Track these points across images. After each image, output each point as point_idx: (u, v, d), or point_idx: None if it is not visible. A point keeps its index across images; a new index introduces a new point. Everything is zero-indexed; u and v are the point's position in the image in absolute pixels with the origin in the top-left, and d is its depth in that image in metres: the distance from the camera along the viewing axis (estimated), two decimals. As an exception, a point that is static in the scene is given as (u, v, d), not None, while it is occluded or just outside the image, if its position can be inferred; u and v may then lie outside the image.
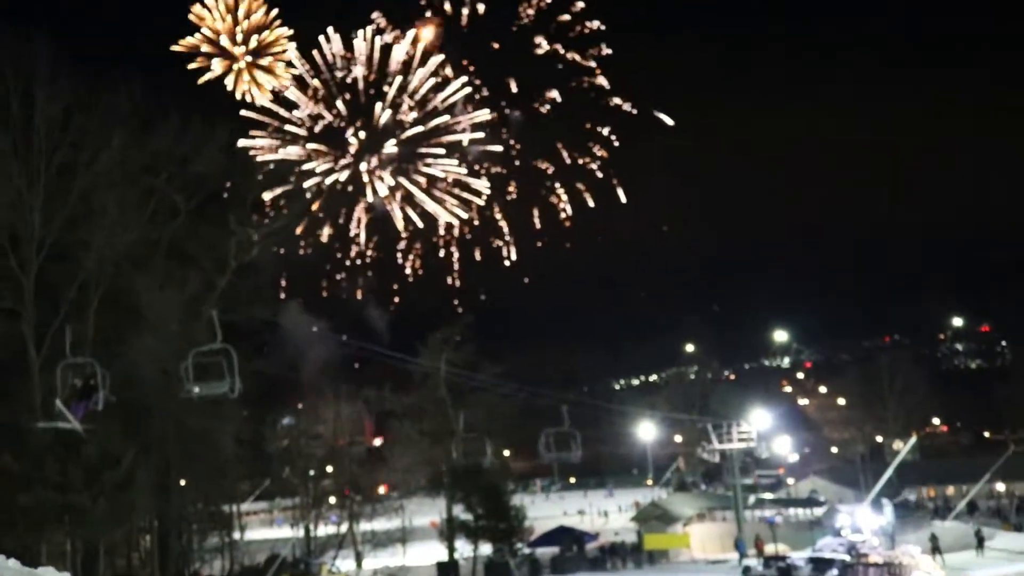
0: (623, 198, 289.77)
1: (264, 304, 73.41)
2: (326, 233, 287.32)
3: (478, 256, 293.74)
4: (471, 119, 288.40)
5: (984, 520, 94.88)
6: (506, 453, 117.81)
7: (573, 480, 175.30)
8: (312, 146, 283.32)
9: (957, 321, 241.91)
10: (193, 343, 66.75)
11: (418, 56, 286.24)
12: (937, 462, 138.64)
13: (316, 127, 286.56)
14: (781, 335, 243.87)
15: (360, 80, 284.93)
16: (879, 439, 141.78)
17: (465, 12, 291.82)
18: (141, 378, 62.89)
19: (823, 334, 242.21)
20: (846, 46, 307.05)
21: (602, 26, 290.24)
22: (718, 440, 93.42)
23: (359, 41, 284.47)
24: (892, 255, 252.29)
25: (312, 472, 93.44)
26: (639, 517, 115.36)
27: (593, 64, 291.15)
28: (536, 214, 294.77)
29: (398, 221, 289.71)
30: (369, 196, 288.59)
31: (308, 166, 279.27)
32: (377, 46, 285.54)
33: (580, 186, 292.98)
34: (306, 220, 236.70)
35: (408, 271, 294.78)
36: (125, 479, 50.71)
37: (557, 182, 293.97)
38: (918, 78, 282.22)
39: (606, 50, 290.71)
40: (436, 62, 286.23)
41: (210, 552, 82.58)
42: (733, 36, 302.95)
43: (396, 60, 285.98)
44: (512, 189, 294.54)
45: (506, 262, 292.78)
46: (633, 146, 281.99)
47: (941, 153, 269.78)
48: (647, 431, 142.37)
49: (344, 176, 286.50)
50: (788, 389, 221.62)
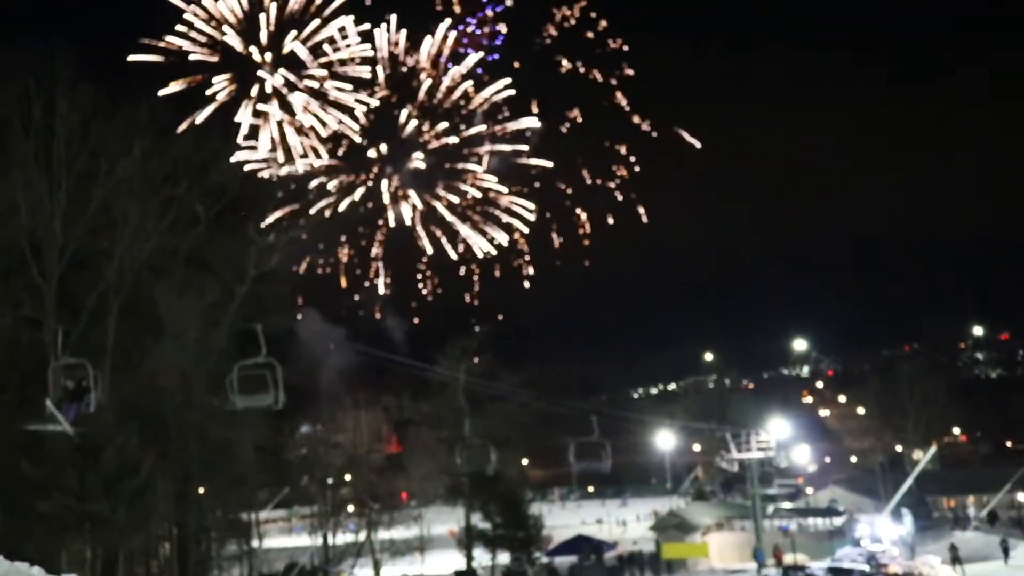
0: (644, 218, 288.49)
1: (283, 313, 73.55)
2: (345, 251, 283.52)
3: (497, 273, 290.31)
4: (507, 129, 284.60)
5: (1005, 530, 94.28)
6: (524, 462, 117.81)
7: (591, 489, 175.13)
8: (327, 161, 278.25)
9: (977, 330, 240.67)
10: (212, 351, 67.42)
11: (445, 55, 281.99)
12: (957, 472, 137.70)
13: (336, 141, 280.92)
14: (800, 344, 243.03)
15: (382, 89, 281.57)
16: (899, 448, 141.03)
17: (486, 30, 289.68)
18: (160, 386, 63.17)
19: (842, 343, 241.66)
20: (868, 50, 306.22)
21: (625, 46, 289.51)
22: (737, 449, 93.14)
23: (382, 36, 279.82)
24: (912, 264, 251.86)
25: (331, 480, 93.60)
26: (657, 526, 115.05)
27: (614, 82, 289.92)
28: (555, 232, 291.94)
29: (425, 246, 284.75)
30: (391, 217, 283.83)
31: (327, 183, 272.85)
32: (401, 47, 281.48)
33: (601, 205, 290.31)
34: (325, 239, 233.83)
35: (426, 291, 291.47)
36: (144, 487, 50.79)
37: (578, 205, 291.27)
38: (944, 83, 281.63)
39: (628, 71, 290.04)
40: (464, 67, 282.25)
41: (229, 560, 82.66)
42: (748, 47, 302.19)
43: (423, 62, 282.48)
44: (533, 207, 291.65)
45: (525, 283, 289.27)
46: (654, 163, 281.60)
47: (960, 160, 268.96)
48: (666, 440, 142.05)
49: (362, 192, 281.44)
50: (807, 398, 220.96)
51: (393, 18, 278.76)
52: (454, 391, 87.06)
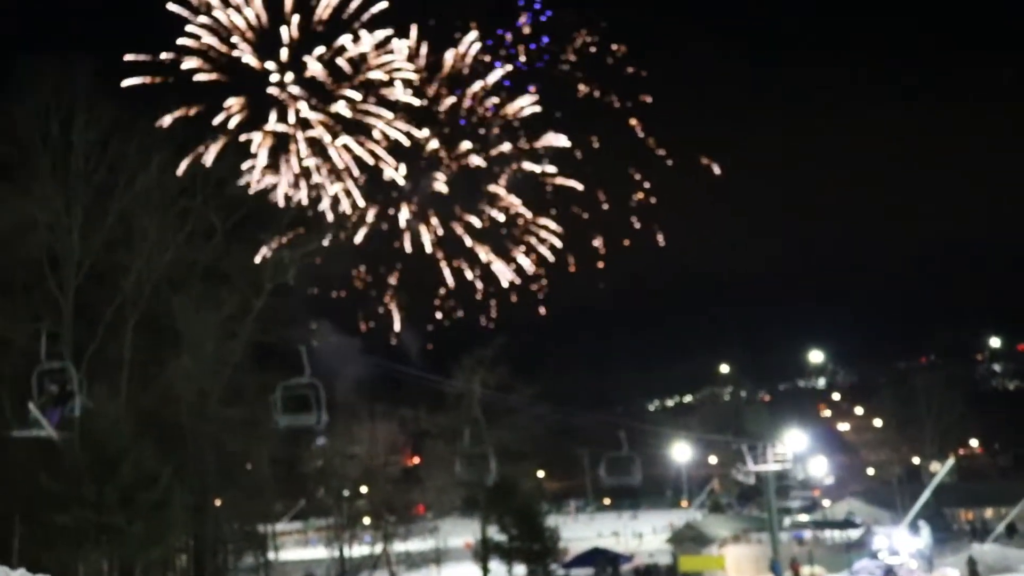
0: (662, 242, 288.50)
1: (300, 325, 73.80)
2: (360, 275, 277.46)
3: (514, 298, 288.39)
4: (534, 146, 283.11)
5: None
6: (540, 474, 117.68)
7: (608, 501, 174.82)
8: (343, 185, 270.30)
9: (994, 341, 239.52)
10: (229, 364, 67.70)
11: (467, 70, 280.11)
12: (975, 484, 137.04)
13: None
14: (816, 356, 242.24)
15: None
16: (916, 460, 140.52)
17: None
18: (177, 399, 63.47)
19: (858, 355, 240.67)
20: (880, 63, 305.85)
21: (642, 71, 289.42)
22: (753, 461, 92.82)
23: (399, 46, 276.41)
24: (928, 274, 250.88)
25: (347, 492, 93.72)
26: (674, 539, 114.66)
27: (630, 104, 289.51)
28: (572, 256, 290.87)
29: (445, 274, 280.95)
30: (408, 242, 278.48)
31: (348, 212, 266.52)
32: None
33: (618, 231, 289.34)
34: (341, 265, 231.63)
35: (441, 316, 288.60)
36: (161, 499, 51.05)
37: (595, 230, 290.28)
38: (956, 95, 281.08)
39: (646, 98, 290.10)
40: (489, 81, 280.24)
41: (245, 572, 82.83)
42: (752, 39, 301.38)
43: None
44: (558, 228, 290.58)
45: (541, 308, 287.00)
46: (671, 188, 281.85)
47: (977, 170, 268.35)
48: (682, 452, 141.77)
49: (377, 215, 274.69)
50: (824, 410, 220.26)
51: (413, 33, 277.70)
52: (470, 403, 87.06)
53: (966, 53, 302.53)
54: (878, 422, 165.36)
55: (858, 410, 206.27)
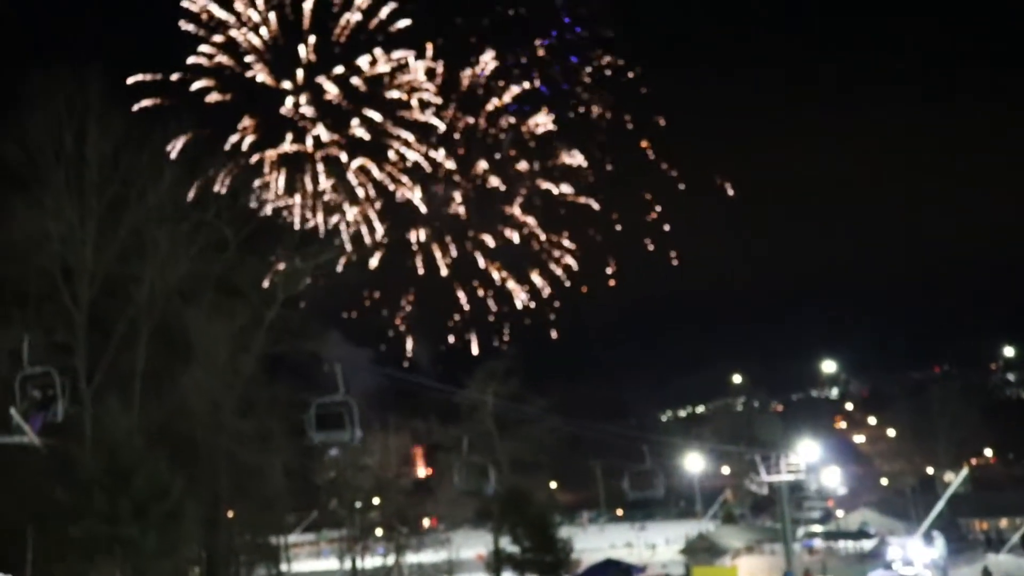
0: (675, 262, 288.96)
1: (319, 340, 74.02)
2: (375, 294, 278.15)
3: (527, 320, 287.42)
4: (555, 163, 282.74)
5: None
6: (552, 485, 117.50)
7: (620, 512, 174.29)
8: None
9: (1008, 350, 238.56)
10: (241, 376, 67.79)
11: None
12: (989, 494, 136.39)
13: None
14: (829, 366, 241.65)
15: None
16: (930, 471, 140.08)
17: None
18: (190, 410, 63.56)
19: (871, 365, 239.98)
20: (891, 71, 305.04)
21: (651, 88, 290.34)
22: (766, 472, 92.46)
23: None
24: (941, 284, 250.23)
25: (359, 504, 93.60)
26: (687, 550, 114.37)
27: (643, 125, 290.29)
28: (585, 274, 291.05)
29: (460, 299, 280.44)
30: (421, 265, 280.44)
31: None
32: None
33: (631, 252, 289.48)
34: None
35: (454, 340, 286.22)
36: (174, 511, 51.04)
37: (608, 251, 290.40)
38: (969, 103, 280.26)
39: (660, 120, 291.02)
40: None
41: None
42: (765, 64, 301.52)
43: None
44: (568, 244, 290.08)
45: (552, 332, 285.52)
46: (684, 208, 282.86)
47: (989, 179, 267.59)
48: (694, 463, 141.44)
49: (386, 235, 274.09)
50: (838, 421, 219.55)
51: (429, 51, 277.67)
52: (482, 415, 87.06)
53: (981, 59, 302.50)
54: (892, 432, 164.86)
55: (871, 420, 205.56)
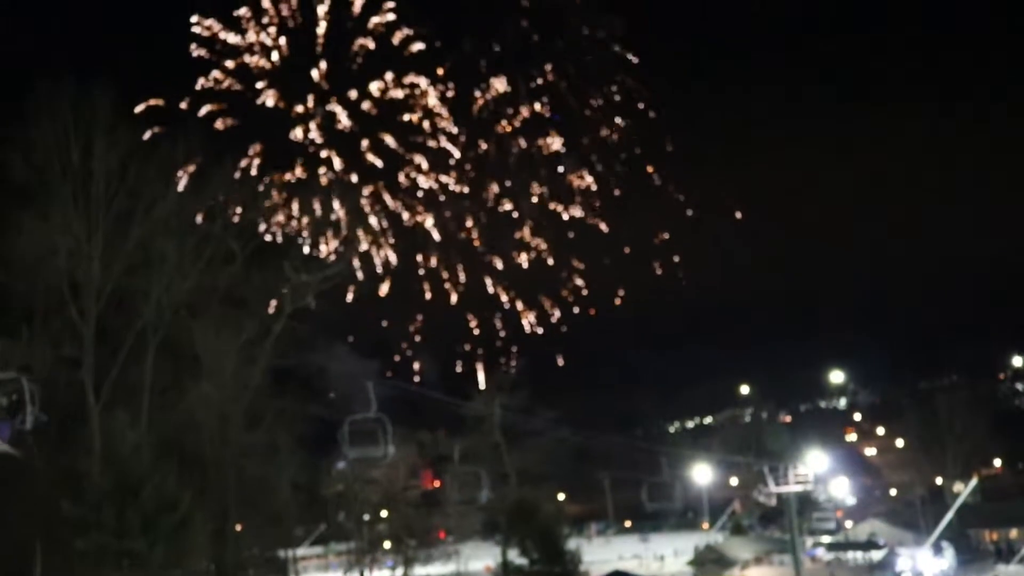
0: (683, 281, 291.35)
1: (319, 349, 74.07)
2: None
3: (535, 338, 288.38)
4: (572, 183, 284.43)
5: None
6: (561, 497, 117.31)
7: (628, 524, 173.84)
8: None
9: (1017, 360, 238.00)
10: (249, 389, 67.84)
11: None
12: (999, 504, 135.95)
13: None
14: (837, 376, 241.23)
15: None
16: (939, 481, 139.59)
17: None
18: (198, 424, 63.60)
19: (879, 375, 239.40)
20: (908, 80, 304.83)
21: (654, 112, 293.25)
22: (775, 483, 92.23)
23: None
24: (949, 294, 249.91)
25: (367, 517, 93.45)
26: (695, 561, 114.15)
27: (650, 151, 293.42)
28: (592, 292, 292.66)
29: (471, 325, 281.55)
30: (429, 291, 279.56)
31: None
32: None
33: (639, 276, 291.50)
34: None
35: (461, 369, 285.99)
36: (182, 524, 51.06)
37: (616, 275, 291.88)
38: (974, 113, 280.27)
39: (668, 146, 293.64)
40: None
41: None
42: (782, 76, 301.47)
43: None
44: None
45: (559, 359, 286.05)
46: (693, 231, 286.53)
47: (999, 188, 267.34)
48: (702, 474, 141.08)
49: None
50: (847, 432, 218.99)
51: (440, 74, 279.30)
52: (490, 427, 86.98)
53: (991, 71, 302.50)
54: (900, 442, 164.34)
55: (880, 430, 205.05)
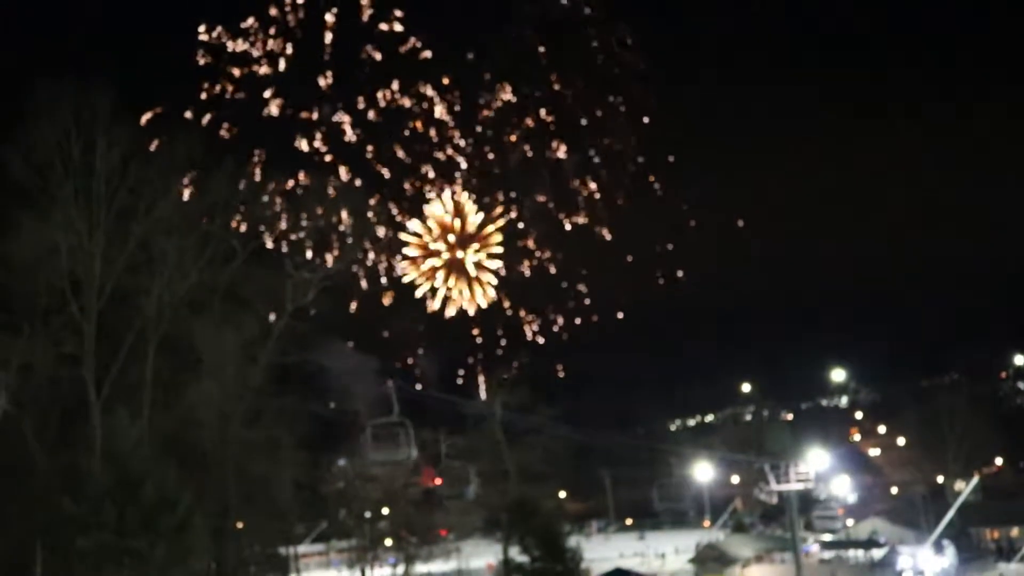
0: (682, 279, 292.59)
1: (320, 348, 74.06)
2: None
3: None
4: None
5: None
6: (562, 495, 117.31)
7: (629, 521, 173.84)
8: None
9: (1018, 359, 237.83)
10: (249, 387, 67.83)
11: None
12: (1000, 502, 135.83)
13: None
14: (838, 374, 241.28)
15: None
16: (940, 479, 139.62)
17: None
18: (199, 422, 63.61)
19: (880, 374, 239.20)
20: (908, 80, 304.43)
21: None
22: (776, 481, 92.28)
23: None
24: (951, 293, 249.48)
25: (368, 514, 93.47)
26: (696, 559, 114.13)
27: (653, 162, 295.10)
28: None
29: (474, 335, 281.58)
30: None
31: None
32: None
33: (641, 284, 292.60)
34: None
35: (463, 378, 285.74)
36: (183, 522, 51.04)
37: (619, 285, 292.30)
38: (978, 112, 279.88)
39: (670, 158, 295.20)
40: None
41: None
42: (777, 82, 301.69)
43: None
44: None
45: (560, 370, 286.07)
46: (696, 240, 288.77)
47: (997, 189, 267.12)
48: (704, 472, 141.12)
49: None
50: (847, 430, 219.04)
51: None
52: (491, 425, 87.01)
53: (981, 65, 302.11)
54: (901, 441, 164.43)
55: (881, 429, 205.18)
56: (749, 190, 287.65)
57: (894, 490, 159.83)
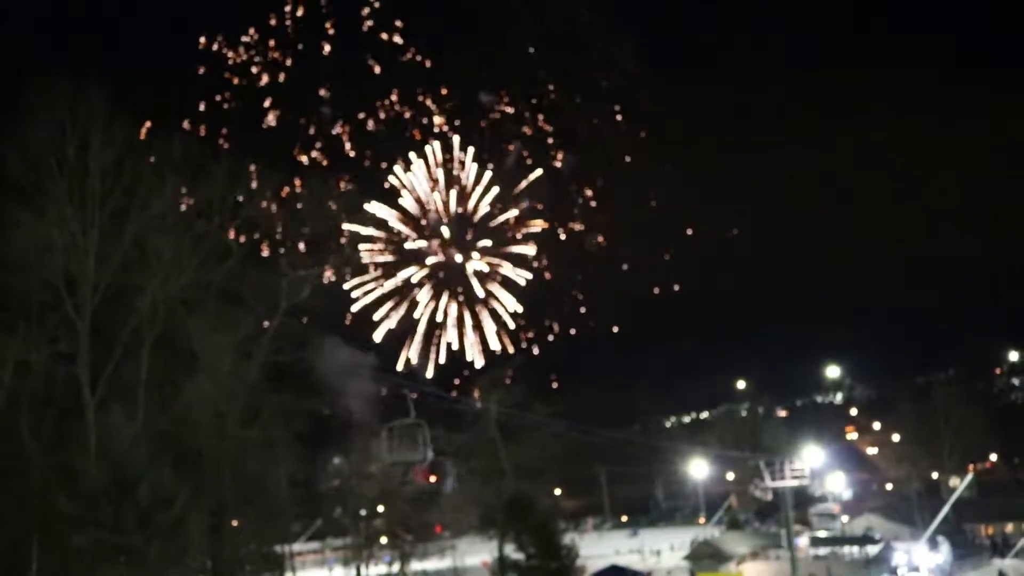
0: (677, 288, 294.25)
1: (315, 346, 74.11)
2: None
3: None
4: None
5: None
6: (557, 492, 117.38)
7: (625, 518, 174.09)
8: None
9: (1013, 355, 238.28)
10: (245, 385, 67.80)
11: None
12: (995, 498, 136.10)
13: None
14: (833, 371, 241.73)
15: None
16: (935, 475, 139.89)
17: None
18: (194, 420, 63.57)
19: (877, 370, 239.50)
20: (908, 79, 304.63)
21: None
22: (771, 477, 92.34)
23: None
24: (946, 289, 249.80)
25: (364, 512, 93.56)
26: (692, 556, 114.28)
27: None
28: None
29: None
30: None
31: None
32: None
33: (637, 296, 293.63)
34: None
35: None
36: (178, 520, 51.02)
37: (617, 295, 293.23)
38: (976, 108, 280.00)
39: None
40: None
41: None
42: (776, 81, 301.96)
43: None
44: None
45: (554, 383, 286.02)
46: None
47: (996, 183, 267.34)
48: (699, 468, 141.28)
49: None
50: (842, 426, 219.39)
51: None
52: (486, 422, 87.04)
53: (981, 61, 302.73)
54: (896, 437, 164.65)
55: (876, 425, 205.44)
56: (747, 190, 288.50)
57: (889, 486, 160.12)
